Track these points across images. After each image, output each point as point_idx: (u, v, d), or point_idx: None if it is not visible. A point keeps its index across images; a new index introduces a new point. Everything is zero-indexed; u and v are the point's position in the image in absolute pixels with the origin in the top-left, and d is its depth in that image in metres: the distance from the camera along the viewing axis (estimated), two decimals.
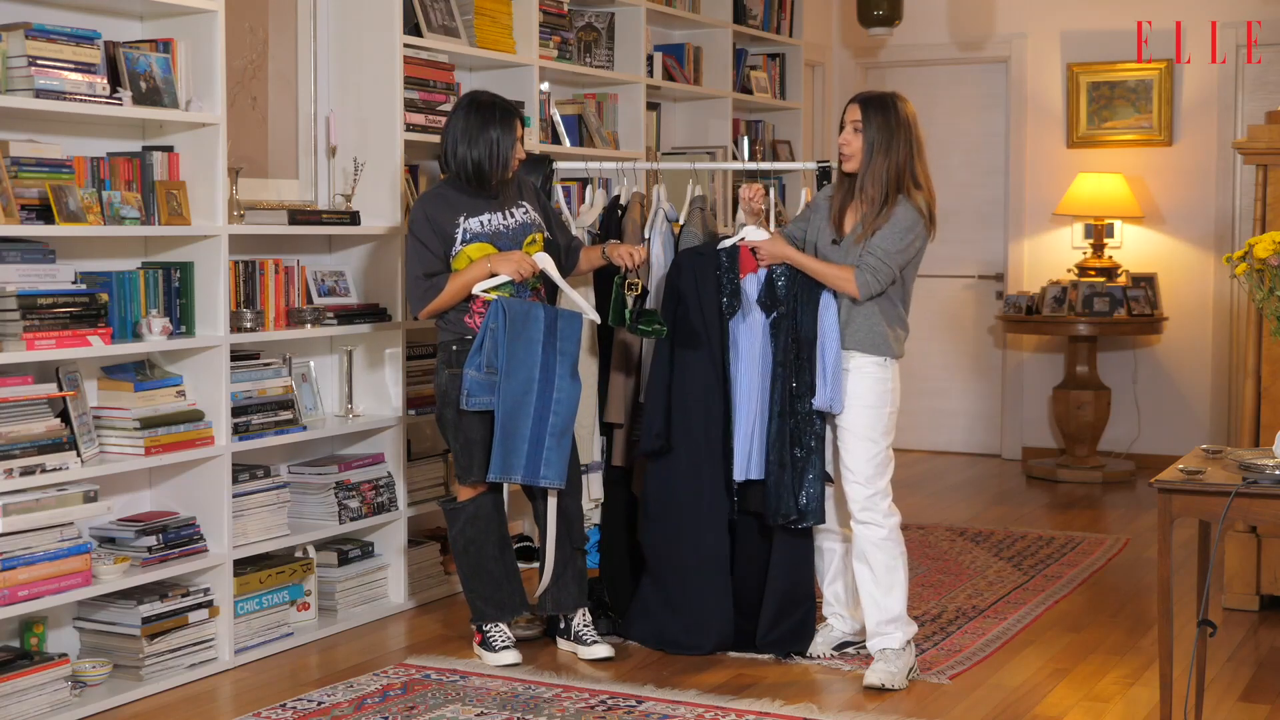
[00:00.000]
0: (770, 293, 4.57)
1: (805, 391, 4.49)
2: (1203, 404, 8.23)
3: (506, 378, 4.44)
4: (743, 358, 4.60)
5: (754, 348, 4.59)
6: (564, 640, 4.74)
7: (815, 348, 4.48)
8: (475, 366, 4.44)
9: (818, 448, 4.51)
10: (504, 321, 4.44)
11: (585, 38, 6.48)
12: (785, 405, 4.52)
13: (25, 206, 4.02)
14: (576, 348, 4.54)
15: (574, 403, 4.51)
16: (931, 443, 8.90)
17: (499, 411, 4.44)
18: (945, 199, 8.64)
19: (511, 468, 4.45)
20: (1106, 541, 6.41)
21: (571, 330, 4.52)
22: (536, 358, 4.46)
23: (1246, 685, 4.43)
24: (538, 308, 4.49)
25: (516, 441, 4.45)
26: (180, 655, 4.39)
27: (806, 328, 4.49)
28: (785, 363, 4.52)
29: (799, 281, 4.52)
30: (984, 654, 4.72)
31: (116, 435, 4.31)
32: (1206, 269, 8.16)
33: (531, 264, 4.51)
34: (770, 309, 4.57)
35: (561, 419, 4.48)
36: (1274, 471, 3.55)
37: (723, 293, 4.60)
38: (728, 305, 4.60)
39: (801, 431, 4.50)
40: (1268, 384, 5.16)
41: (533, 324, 4.46)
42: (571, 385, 4.51)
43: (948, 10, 8.72)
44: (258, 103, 5.11)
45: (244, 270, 4.72)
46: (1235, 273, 3.86)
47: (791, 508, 4.50)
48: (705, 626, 4.66)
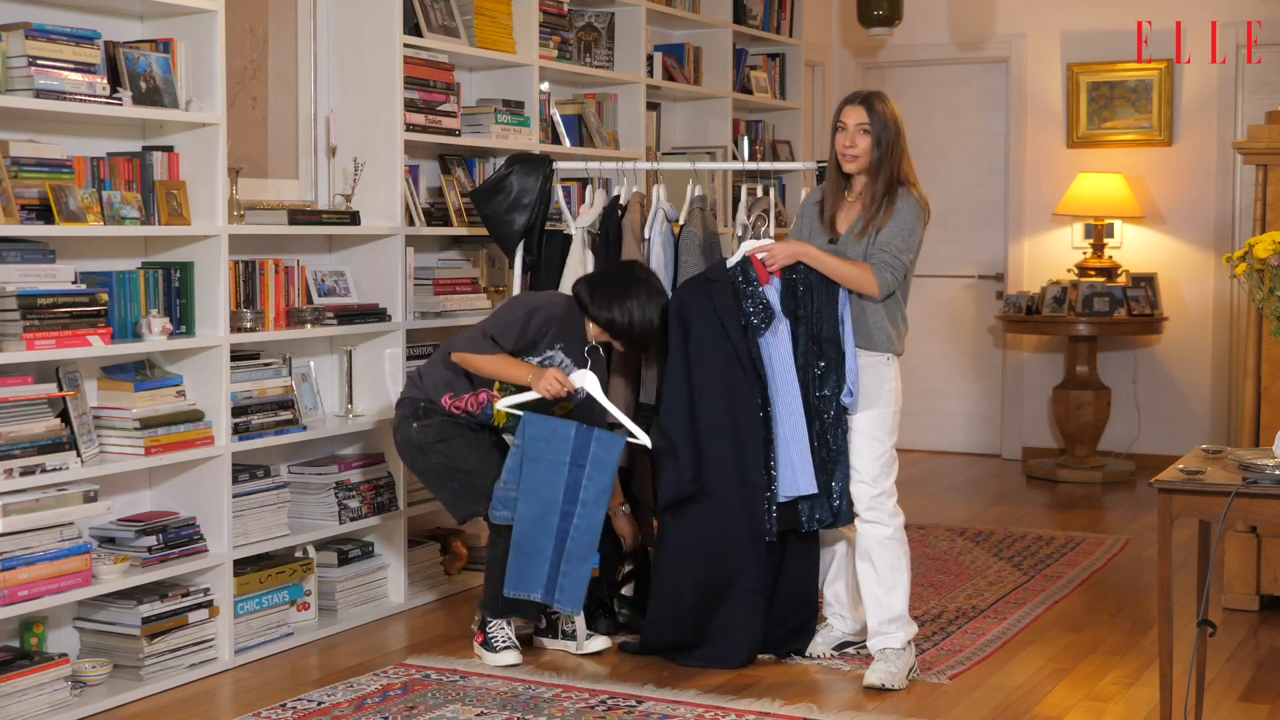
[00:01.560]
0: (791, 298, 4.49)
1: (833, 393, 4.45)
2: (1203, 404, 8.23)
3: (523, 497, 4.42)
4: (778, 373, 4.48)
5: (784, 359, 4.48)
6: (550, 639, 4.73)
7: (837, 346, 4.43)
8: (502, 480, 4.46)
9: (844, 448, 4.48)
10: (525, 440, 4.42)
11: (585, 38, 6.48)
12: (814, 409, 4.47)
13: (25, 206, 4.02)
14: (609, 472, 4.45)
15: (594, 530, 4.44)
16: (931, 443, 8.90)
17: (515, 529, 4.44)
18: (945, 199, 8.69)
19: (530, 585, 4.43)
20: (1106, 541, 6.41)
21: (607, 454, 4.44)
22: (561, 478, 4.41)
23: (1246, 685, 4.43)
24: (569, 427, 4.43)
25: (537, 560, 4.42)
26: (180, 655, 4.39)
27: (827, 327, 4.44)
28: (808, 366, 4.47)
29: (815, 281, 4.46)
30: (984, 654, 4.72)
31: (116, 435, 4.31)
32: (1206, 269, 8.16)
33: (568, 385, 4.44)
34: (795, 315, 4.48)
35: (579, 545, 4.43)
36: (1274, 471, 3.55)
37: (747, 312, 4.47)
38: (759, 322, 4.47)
39: (829, 433, 4.46)
40: (1268, 384, 5.16)
41: (558, 445, 4.41)
42: (594, 511, 4.43)
43: (948, 10, 8.72)
44: (258, 103, 5.11)
45: (244, 270, 4.72)
46: (1235, 273, 3.86)
47: (828, 513, 4.47)
48: (738, 646, 4.58)
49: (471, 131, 5.72)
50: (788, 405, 4.46)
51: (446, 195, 5.64)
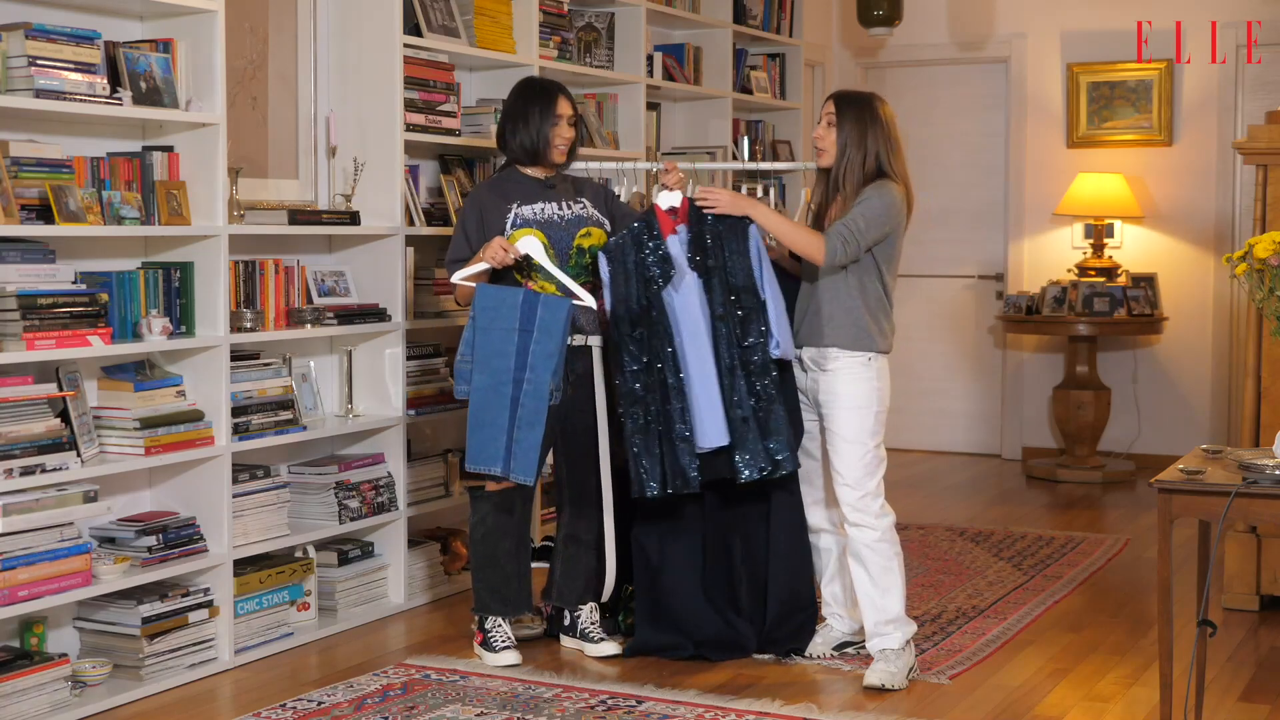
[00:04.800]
0: (700, 249, 4.46)
1: (757, 342, 4.41)
2: (1203, 404, 8.23)
3: (478, 368, 4.40)
4: (684, 327, 4.42)
5: (690, 311, 4.43)
6: (569, 637, 4.74)
7: (754, 294, 4.41)
8: (459, 353, 4.45)
9: (778, 395, 4.41)
10: (476, 310, 4.42)
11: (585, 38, 6.48)
12: (735, 360, 4.42)
13: (25, 206, 4.02)
14: (556, 336, 4.39)
15: (542, 395, 4.39)
16: (931, 443, 8.90)
17: (471, 401, 4.41)
18: (945, 199, 8.70)
19: (490, 457, 4.40)
20: (1106, 541, 6.41)
21: (553, 318, 4.40)
22: (512, 346, 4.40)
23: (1246, 685, 4.43)
24: (515, 294, 4.42)
25: (494, 432, 4.39)
26: (180, 655, 4.39)
27: (741, 276, 4.42)
28: (726, 316, 4.42)
29: (725, 229, 4.43)
30: (984, 654, 4.72)
31: (116, 435, 4.31)
32: (1206, 269, 8.16)
33: (512, 250, 4.44)
34: (702, 267, 4.45)
35: (528, 410, 4.39)
36: (1274, 471, 3.55)
37: (648, 264, 4.43)
38: (660, 275, 4.44)
39: (756, 382, 4.41)
40: (1268, 384, 5.16)
41: (506, 312, 4.40)
42: (542, 375, 4.38)
43: (948, 10, 8.72)
44: (258, 103, 5.11)
45: (244, 270, 4.72)
46: (1235, 273, 3.86)
47: (766, 462, 4.39)
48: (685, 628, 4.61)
49: (471, 131, 5.72)
50: (697, 357, 4.41)
51: (446, 195, 5.64)
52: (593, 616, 4.72)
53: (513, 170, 4.70)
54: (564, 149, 4.66)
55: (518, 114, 4.64)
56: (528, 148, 4.62)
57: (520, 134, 4.63)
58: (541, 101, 4.62)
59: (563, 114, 4.63)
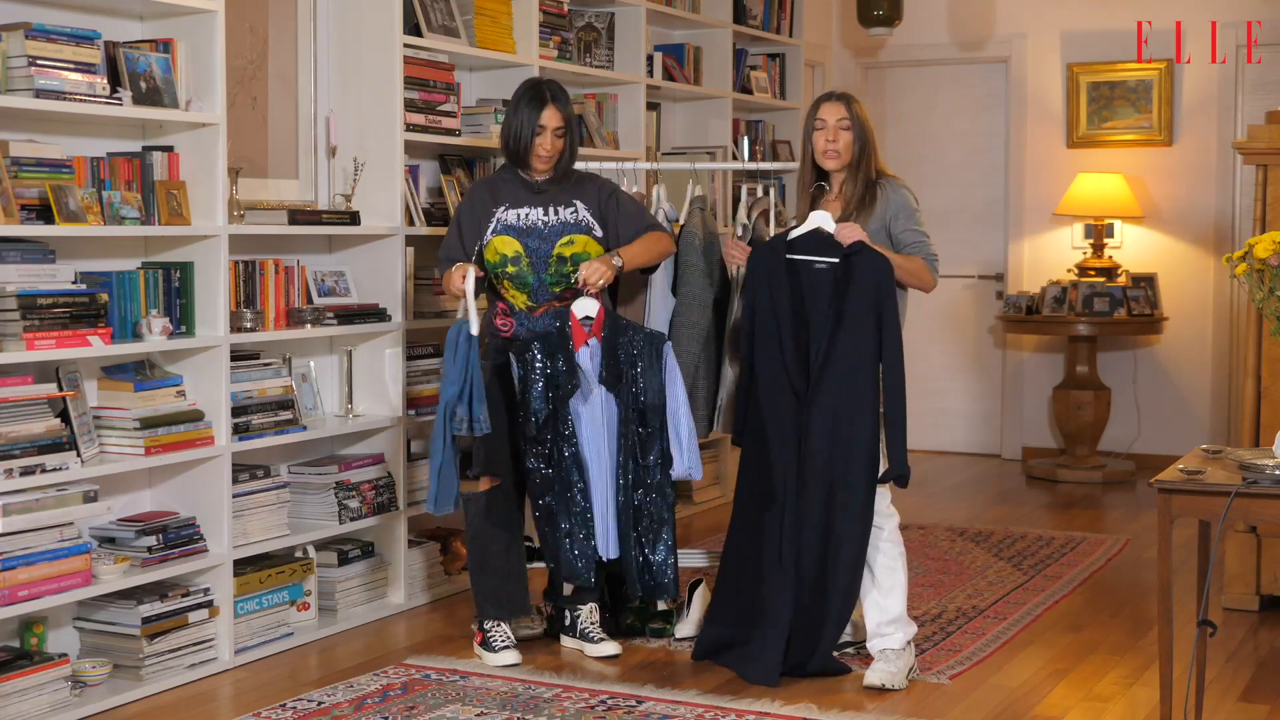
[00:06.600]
0: (611, 361, 4.49)
1: (656, 462, 4.50)
2: (1203, 404, 8.23)
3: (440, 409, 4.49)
4: (586, 438, 4.49)
5: (595, 423, 4.50)
6: (569, 637, 4.74)
7: (664, 415, 4.49)
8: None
9: (669, 518, 4.53)
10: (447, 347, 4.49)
11: (585, 38, 6.48)
12: (636, 477, 4.52)
13: (25, 206, 4.02)
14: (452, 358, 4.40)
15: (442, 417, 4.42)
16: (931, 443, 8.90)
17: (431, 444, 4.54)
18: (945, 199, 8.69)
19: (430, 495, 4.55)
20: (1106, 541, 6.41)
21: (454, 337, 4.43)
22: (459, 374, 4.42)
23: (1246, 685, 4.43)
24: (456, 326, 4.44)
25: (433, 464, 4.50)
26: (180, 655, 4.39)
27: (649, 394, 4.49)
28: (628, 434, 4.50)
29: (640, 344, 4.49)
30: (984, 654, 4.72)
31: (116, 435, 4.31)
32: (1206, 269, 8.16)
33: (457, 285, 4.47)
34: (610, 382, 4.49)
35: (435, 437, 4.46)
36: (1274, 471, 3.55)
37: (560, 371, 4.47)
38: (565, 383, 4.47)
39: (650, 504, 4.52)
40: (1268, 384, 5.16)
41: (457, 346, 4.43)
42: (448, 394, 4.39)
43: (948, 10, 8.72)
44: (258, 103, 5.11)
45: (244, 270, 4.72)
46: (1235, 273, 3.86)
47: (647, 585, 4.54)
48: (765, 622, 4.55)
49: (471, 131, 5.72)
50: (599, 469, 4.51)
51: (446, 195, 5.64)
52: (593, 616, 4.73)
53: (512, 169, 4.70)
54: (547, 158, 4.63)
55: (510, 115, 4.67)
56: (511, 150, 4.66)
57: (508, 136, 4.65)
58: (530, 108, 4.61)
59: (547, 124, 4.59)
